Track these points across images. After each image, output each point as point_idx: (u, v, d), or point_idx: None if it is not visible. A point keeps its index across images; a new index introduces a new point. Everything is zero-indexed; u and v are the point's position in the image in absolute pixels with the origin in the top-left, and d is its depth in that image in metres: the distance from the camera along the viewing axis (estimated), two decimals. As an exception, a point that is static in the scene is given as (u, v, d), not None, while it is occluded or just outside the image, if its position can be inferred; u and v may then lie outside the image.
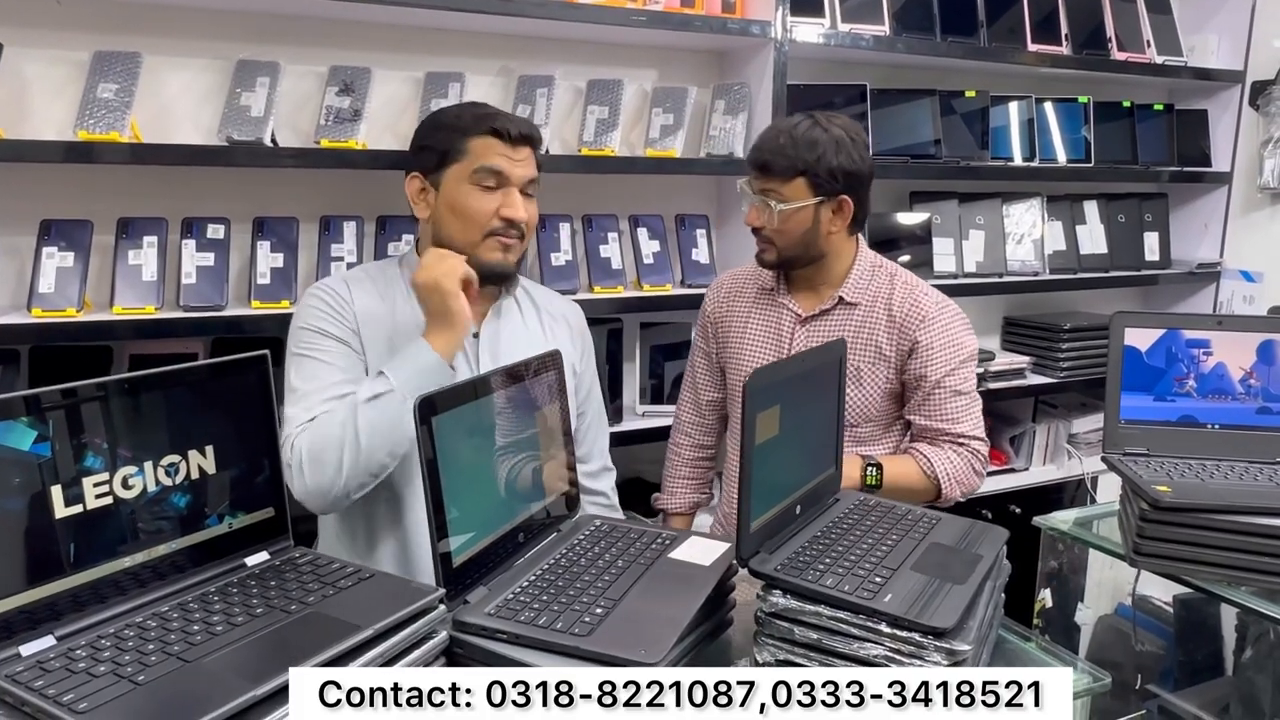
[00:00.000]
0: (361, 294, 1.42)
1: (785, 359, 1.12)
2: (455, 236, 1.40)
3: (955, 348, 1.60)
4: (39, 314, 1.67)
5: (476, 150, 1.38)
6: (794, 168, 1.53)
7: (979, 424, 1.62)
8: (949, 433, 1.59)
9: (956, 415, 1.59)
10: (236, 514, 0.97)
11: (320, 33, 1.96)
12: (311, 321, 1.38)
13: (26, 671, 0.76)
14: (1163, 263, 2.91)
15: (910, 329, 1.60)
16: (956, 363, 1.59)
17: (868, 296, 1.63)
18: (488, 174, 1.38)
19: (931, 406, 1.59)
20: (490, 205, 1.38)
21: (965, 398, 1.60)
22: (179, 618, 0.85)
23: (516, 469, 1.09)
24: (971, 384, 1.63)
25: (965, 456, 1.59)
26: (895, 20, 2.34)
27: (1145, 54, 2.72)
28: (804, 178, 1.54)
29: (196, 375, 0.94)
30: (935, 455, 1.58)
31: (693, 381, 1.84)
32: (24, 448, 0.80)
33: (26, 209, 1.75)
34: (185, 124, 1.88)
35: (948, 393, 1.59)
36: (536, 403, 1.14)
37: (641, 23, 2.02)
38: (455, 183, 1.39)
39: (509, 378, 1.10)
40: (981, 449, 1.61)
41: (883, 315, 1.62)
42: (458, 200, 1.39)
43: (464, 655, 0.89)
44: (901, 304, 1.61)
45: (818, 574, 0.96)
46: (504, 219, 1.39)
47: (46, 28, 1.76)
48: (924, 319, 1.59)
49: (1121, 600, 1.98)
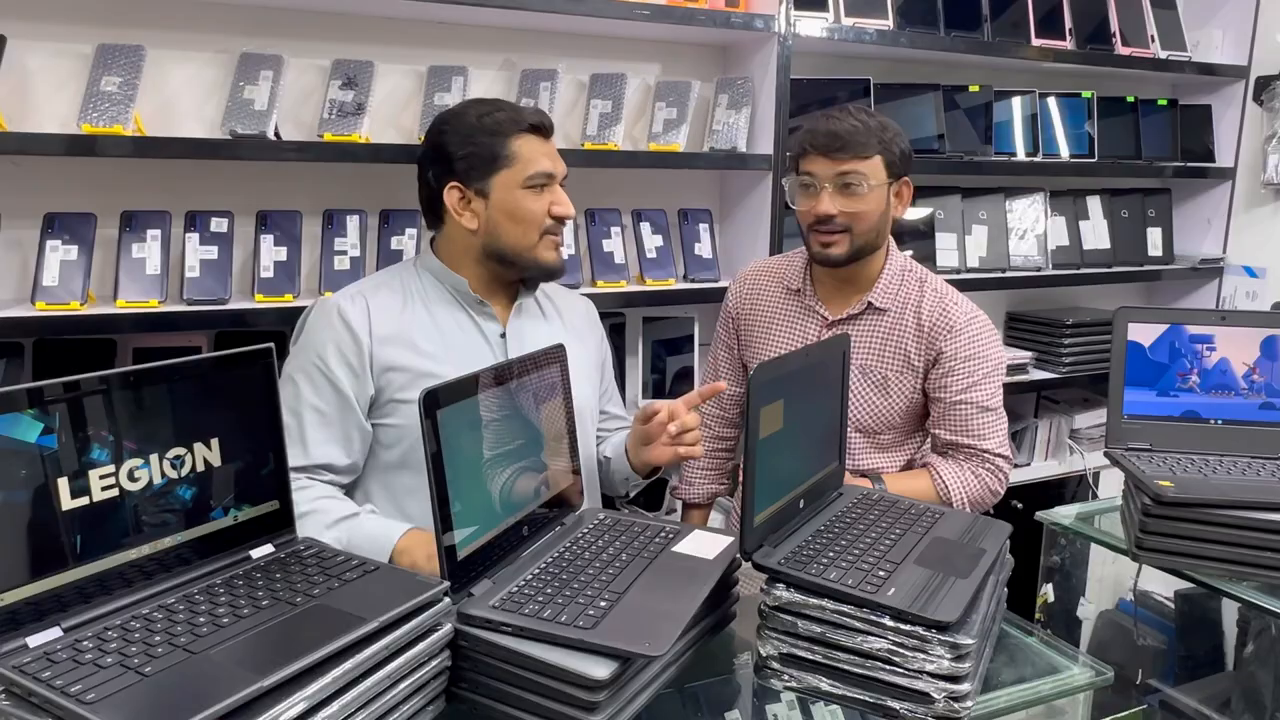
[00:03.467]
0: (381, 314, 1.40)
1: (789, 353, 1.12)
2: (514, 241, 1.41)
3: (980, 360, 1.56)
4: (43, 307, 1.67)
5: (522, 153, 1.40)
6: (872, 145, 1.50)
7: (1004, 440, 1.58)
8: (974, 449, 1.56)
9: (982, 431, 1.56)
10: (241, 506, 0.97)
11: (323, 26, 1.96)
12: (318, 351, 1.36)
13: (34, 662, 0.76)
14: (1166, 258, 2.91)
15: (937, 339, 1.56)
16: (980, 376, 1.56)
17: (897, 303, 1.60)
18: (542, 177, 1.40)
19: (954, 421, 1.56)
20: (543, 205, 1.41)
21: (991, 414, 1.57)
22: (185, 609, 0.85)
23: (521, 463, 1.09)
24: (998, 399, 1.59)
25: (983, 477, 1.56)
26: (899, 14, 2.34)
27: (1149, 49, 2.72)
28: (881, 156, 1.52)
29: (201, 368, 0.94)
30: (951, 475, 1.55)
31: (715, 373, 1.82)
32: (30, 440, 0.80)
33: (30, 202, 1.75)
34: (188, 117, 1.88)
35: (973, 408, 1.56)
36: (541, 397, 1.15)
37: (645, 17, 2.01)
38: (507, 189, 1.40)
39: (513, 372, 1.10)
40: (1005, 467, 1.58)
41: (911, 323, 1.58)
42: (515, 206, 1.39)
43: (468, 648, 0.90)
44: (931, 312, 1.58)
45: (821, 568, 0.96)
46: (554, 217, 1.42)
47: (50, 20, 1.76)
48: (951, 329, 1.56)
49: (1123, 595, 1.98)
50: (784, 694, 0.99)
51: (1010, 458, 1.60)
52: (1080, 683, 1.06)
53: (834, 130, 1.51)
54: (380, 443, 1.41)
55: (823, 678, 0.95)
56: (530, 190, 1.40)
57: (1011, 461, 1.61)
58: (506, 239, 1.41)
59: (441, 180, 1.42)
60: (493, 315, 1.47)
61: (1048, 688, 1.05)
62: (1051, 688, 1.05)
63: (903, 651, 0.90)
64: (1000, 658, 1.07)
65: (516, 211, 1.40)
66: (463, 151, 1.40)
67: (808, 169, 1.54)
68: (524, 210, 1.40)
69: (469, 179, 1.40)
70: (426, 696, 0.88)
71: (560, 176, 1.44)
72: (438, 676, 0.89)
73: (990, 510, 1.63)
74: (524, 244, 1.41)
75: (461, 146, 1.40)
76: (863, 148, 1.50)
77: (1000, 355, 1.60)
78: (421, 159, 1.47)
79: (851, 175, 1.51)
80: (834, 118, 1.53)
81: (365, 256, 1.94)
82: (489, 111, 1.42)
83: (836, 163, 1.51)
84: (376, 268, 1.92)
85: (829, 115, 1.54)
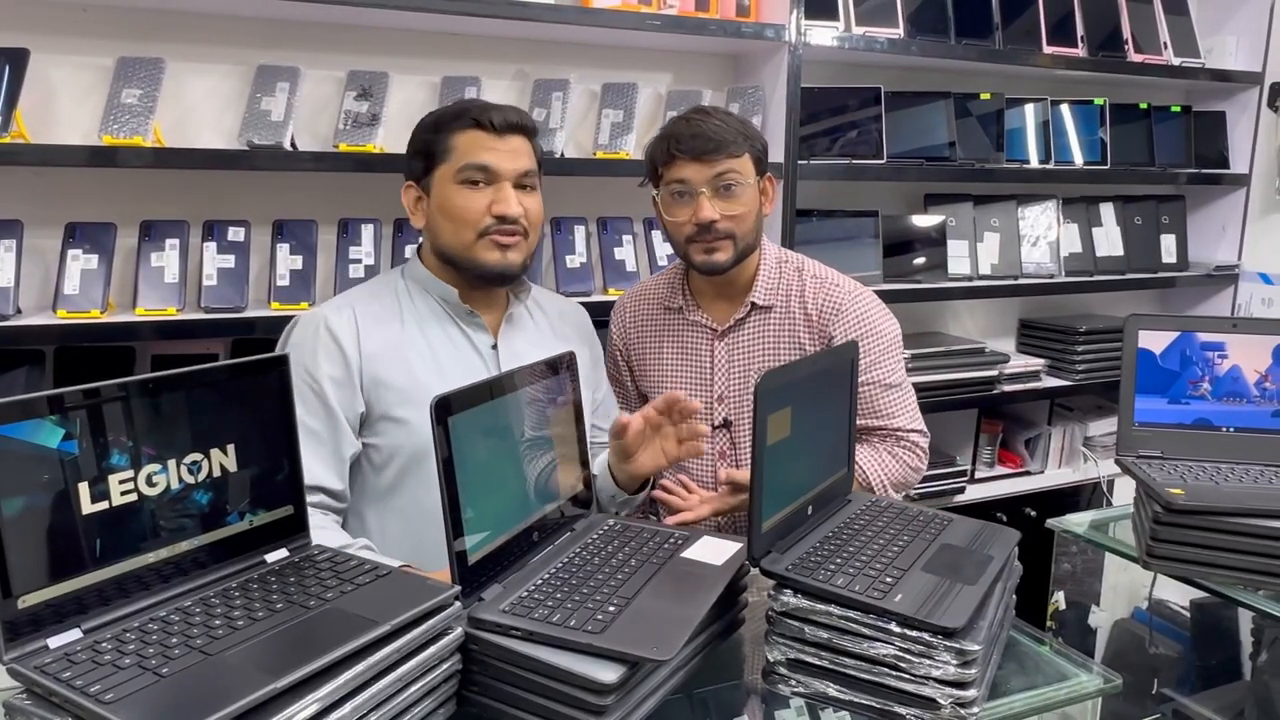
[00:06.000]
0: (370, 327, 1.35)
1: (797, 360, 1.13)
2: (449, 241, 1.35)
3: (875, 337, 1.51)
4: (64, 315, 1.70)
5: (460, 147, 1.33)
6: (741, 143, 1.46)
7: (915, 415, 1.54)
8: (885, 429, 1.52)
9: (890, 410, 1.51)
10: (257, 511, 0.98)
11: (338, 38, 1.98)
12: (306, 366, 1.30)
13: (54, 663, 0.78)
14: (1180, 265, 2.89)
15: (826, 324, 1.52)
16: (877, 353, 1.51)
17: (780, 297, 1.56)
18: (474, 170, 1.32)
19: (863, 406, 1.49)
20: (480, 203, 1.33)
21: (896, 390, 1.52)
22: (201, 612, 0.87)
23: (531, 469, 1.10)
24: (900, 374, 1.54)
25: (901, 457, 1.52)
26: (909, 23, 2.34)
27: (1162, 55, 2.71)
28: (749, 154, 1.48)
29: (219, 375, 0.95)
30: (867, 460, 1.51)
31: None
32: (52, 445, 0.82)
33: (52, 212, 1.79)
34: (207, 128, 1.91)
35: (876, 388, 1.51)
36: (550, 403, 1.16)
37: (656, 27, 2.03)
38: (442, 184, 1.34)
39: (524, 379, 1.11)
40: (921, 442, 1.54)
41: (799, 313, 1.54)
42: (446, 201, 1.34)
43: (479, 652, 0.91)
44: (814, 298, 1.54)
45: (828, 574, 0.97)
46: (496, 215, 1.33)
47: (72, 34, 1.80)
48: (838, 310, 1.52)
49: (1138, 604, 1.97)
50: (791, 699, 0.99)
51: (925, 432, 1.55)
52: (1089, 690, 1.06)
53: (702, 132, 1.44)
54: (371, 464, 1.37)
55: (830, 683, 0.95)
56: (464, 186, 1.33)
57: (926, 436, 1.55)
58: (444, 237, 1.36)
59: (405, 180, 1.41)
60: (483, 326, 1.42)
61: (1056, 695, 1.04)
62: (1060, 695, 1.05)
63: (909, 657, 0.90)
64: (1009, 665, 1.06)
65: (448, 207, 1.33)
66: (414, 149, 1.39)
67: (679, 176, 1.47)
68: (455, 206, 1.33)
69: (418, 176, 1.38)
70: (438, 699, 0.89)
71: (509, 174, 1.34)
72: (449, 679, 0.90)
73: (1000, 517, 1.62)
74: (459, 243, 1.34)
75: (413, 143, 1.39)
76: (734, 146, 1.45)
77: (894, 329, 1.55)
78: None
79: (728, 175, 1.45)
80: (694, 120, 1.46)
81: (380, 265, 1.96)
82: (449, 108, 1.39)
83: (710, 165, 1.44)
84: (390, 276, 1.94)
85: (687, 119, 1.48)
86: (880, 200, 2.56)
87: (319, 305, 1.41)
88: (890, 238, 2.49)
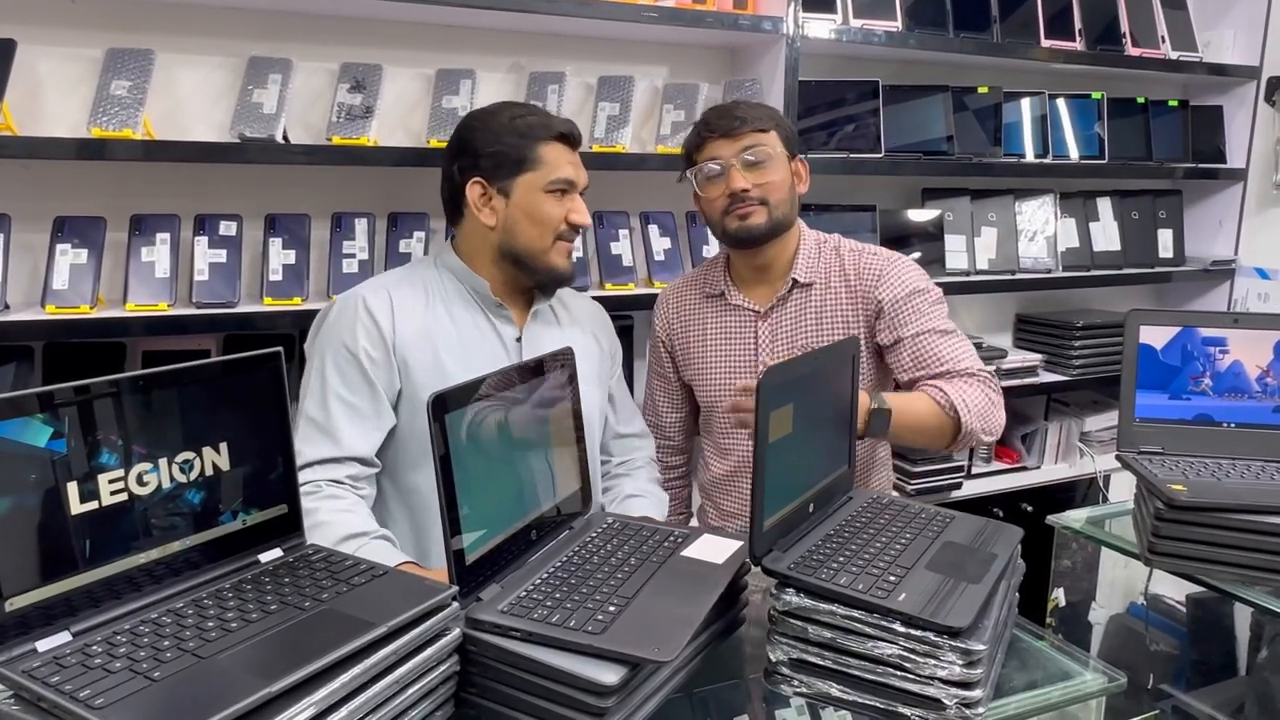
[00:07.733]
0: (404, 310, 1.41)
1: (798, 357, 1.12)
2: (529, 243, 1.44)
3: (922, 294, 1.56)
4: (53, 311, 1.67)
5: (548, 159, 1.43)
6: (767, 120, 1.54)
7: (977, 358, 1.55)
8: (954, 372, 1.52)
9: (955, 355, 1.53)
10: (250, 511, 0.97)
11: (332, 30, 1.96)
12: (345, 341, 1.37)
13: (43, 667, 0.76)
14: (1177, 260, 2.89)
15: (870, 291, 1.57)
16: (927, 306, 1.55)
17: (820, 274, 1.60)
18: (564, 183, 1.44)
19: (924, 356, 1.53)
20: (560, 211, 1.44)
21: (954, 336, 1.55)
22: (194, 614, 0.85)
23: (529, 466, 1.09)
24: (951, 324, 1.57)
25: (979, 386, 1.51)
26: (907, 16, 2.33)
27: (1160, 49, 2.70)
28: (776, 131, 1.55)
29: (210, 372, 0.94)
30: (949, 386, 1.49)
31: (652, 407, 1.79)
32: (40, 444, 0.80)
33: (40, 206, 1.76)
34: (198, 121, 1.88)
35: (935, 335, 1.54)
36: (549, 400, 1.14)
37: (653, 19, 2.01)
38: (529, 191, 1.43)
39: (522, 375, 1.09)
40: (992, 379, 1.54)
41: (840, 287, 1.59)
42: (534, 208, 1.43)
43: (477, 653, 0.89)
44: (854, 269, 1.59)
45: (831, 572, 0.96)
46: (570, 224, 1.45)
47: (60, 25, 1.77)
48: (880, 276, 1.57)
49: (1134, 599, 1.96)
50: (794, 700, 0.98)
51: (991, 373, 1.55)
52: (1093, 689, 1.05)
53: (729, 112, 1.54)
54: (398, 439, 1.42)
55: (833, 683, 0.94)
56: (551, 195, 1.43)
57: (995, 377, 1.56)
58: (522, 239, 1.44)
59: (465, 175, 1.44)
60: (510, 319, 1.49)
61: (1060, 694, 1.04)
62: (1064, 694, 1.04)
63: (914, 657, 0.89)
64: (1012, 663, 1.06)
65: (535, 213, 1.43)
66: (491, 149, 1.42)
67: (710, 155, 1.55)
68: (542, 213, 1.43)
69: (494, 176, 1.42)
70: (435, 701, 0.88)
71: (581, 186, 1.47)
72: (446, 681, 0.89)
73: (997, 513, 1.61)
74: (538, 246, 1.44)
75: (490, 144, 1.43)
76: (760, 121, 1.53)
77: (933, 286, 1.59)
78: (447, 153, 1.48)
79: (757, 149, 1.52)
80: (722, 107, 1.58)
81: (373, 259, 1.94)
82: (522, 115, 1.45)
83: (738, 139, 1.53)
84: (385, 270, 1.92)
85: (715, 109, 1.59)
86: (878, 194, 2.55)
87: (355, 288, 1.47)
88: (888, 232, 2.48)
